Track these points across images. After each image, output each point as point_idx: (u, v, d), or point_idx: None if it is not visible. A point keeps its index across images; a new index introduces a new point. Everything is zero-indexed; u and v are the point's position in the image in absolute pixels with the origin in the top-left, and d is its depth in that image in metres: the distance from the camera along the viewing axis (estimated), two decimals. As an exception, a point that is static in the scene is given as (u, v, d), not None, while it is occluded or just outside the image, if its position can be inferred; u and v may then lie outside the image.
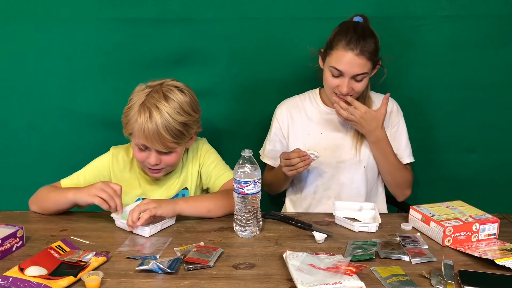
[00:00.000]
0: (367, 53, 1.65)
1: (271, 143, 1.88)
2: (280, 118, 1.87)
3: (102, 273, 1.17)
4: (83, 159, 1.72)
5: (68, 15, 1.97)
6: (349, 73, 1.67)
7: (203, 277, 1.20)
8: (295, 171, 1.64)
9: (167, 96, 1.54)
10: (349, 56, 1.65)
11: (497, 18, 1.95)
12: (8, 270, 1.18)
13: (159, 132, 1.51)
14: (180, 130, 1.54)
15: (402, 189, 1.82)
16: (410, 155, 1.84)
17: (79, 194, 1.51)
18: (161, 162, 1.59)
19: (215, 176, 1.69)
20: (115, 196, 1.47)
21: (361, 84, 1.70)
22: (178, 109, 1.54)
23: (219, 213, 1.57)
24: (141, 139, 1.54)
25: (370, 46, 1.66)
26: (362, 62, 1.65)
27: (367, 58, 1.65)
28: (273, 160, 1.88)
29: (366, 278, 1.18)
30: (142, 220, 1.42)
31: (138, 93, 1.57)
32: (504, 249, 1.33)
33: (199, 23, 1.98)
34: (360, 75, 1.67)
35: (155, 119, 1.51)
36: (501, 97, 2.03)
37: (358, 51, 1.64)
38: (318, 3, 1.94)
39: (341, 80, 1.69)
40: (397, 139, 1.82)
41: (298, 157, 1.61)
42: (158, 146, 1.53)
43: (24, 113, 2.08)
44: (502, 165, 2.09)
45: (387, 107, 1.72)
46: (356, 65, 1.65)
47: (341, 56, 1.66)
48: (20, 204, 1.68)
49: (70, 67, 2.03)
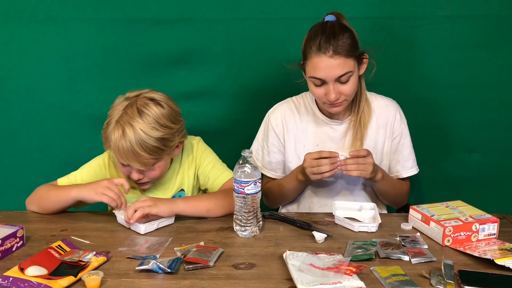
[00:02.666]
0: (342, 51, 1.51)
1: (270, 155, 1.77)
2: (276, 128, 1.75)
3: (102, 273, 1.17)
4: (83, 159, 1.72)
5: (68, 15, 1.98)
6: (330, 78, 1.53)
7: (203, 277, 1.20)
8: (320, 175, 1.53)
9: (142, 111, 1.48)
10: (323, 60, 1.51)
11: (497, 18, 1.95)
12: (8, 270, 1.18)
13: (134, 150, 1.46)
14: (156, 146, 1.49)
15: (399, 202, 1.82)
16: (412, 167, 1.76)
17: (84, 192, 1.51)
18: (144, 176, 1.57)
19: (213, 177, 1.68)
20: (121, 195, 1.49)
21: (349, 86, 1.56)
22: (153, 124, 1.48)
23: (218, 213, 1.57)
24: (117, 157, 1.52)
25: (344, 43, 1.51)
26: (340, 62, 1.51)
27: (345, 55, 1.51)
28: (273, 172, 1.79)
29: (366, 278, 1.18)
30: (135, 217, 1.43)
31: (117, 106, 1.52)
32: (504, 249, 1.33)
33: (199, 23, 1.98)
34: (343, 76, 1.53)
35: (129, 137, 1.45)
36: (501, 97, 2.03)
37: (331, 52, 1.50)
38: (318, 3, 1.94)
39: (325, 87, 1.56)
40: (398, 151, 1.75)
41: (329, 157, 1.51)
42: (135, 164, 1.50)
43: (24, 113, 2.08)
44: (502, 165, 2.09)
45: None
46: (335, 67, 1.51)
47: (316, 63, 1.53)
48: (20, 204, 1.68)
49: (70, 67, 2.03)
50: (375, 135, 1.72)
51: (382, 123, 1.73)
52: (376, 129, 1.72)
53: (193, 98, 1.72)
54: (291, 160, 1.75)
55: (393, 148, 1.75)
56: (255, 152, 1.80)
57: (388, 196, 1.75)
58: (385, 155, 1.75)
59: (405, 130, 1.76)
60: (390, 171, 1.78)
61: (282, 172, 1.80)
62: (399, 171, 1.77)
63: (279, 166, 1.79)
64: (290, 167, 1.74)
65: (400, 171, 1.77)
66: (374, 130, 1.72)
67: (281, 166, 1.79)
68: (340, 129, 1.72)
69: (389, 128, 1.73)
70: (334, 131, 1.73)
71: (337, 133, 1.72)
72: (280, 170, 1.80)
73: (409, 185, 1.82)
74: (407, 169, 1.77)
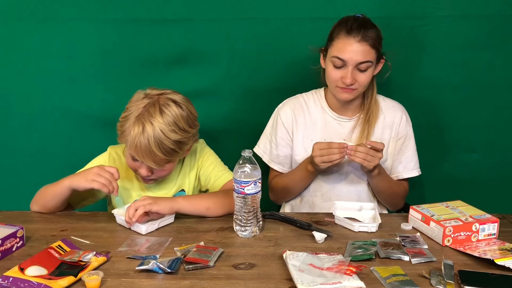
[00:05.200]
0: (369, 39, 1.60)
1: (278, 148, 1.80)
2: (286, 121, 1.78)
3: (102, 273, 1.17)
4: (83, 159, 1.72)
5: (68, 15, 1.97)
6: (352, 61, 1.60)
7: (203, 277, 1.21)
8: (330, 163, 1.58)
9: (163, 111, 1.49)
10: (351, 42, 1.59)
11: (497, 18, 1.95)
12: (8, 270, 1.18)
13: (151, 149, 1.48)
14: (172, 148, 1.50)
15: (395, 204, 1.83)
16: (414, 168, 1.79)
17: (75, 180, 1.50)
18: (152, 173, 1.58)
19: (214, 177, 1.69)
20: (113, 180, 1.48)
21: (365, 75, 1.63)
22: (173, 126, 1.49)
23: (218, 212, 1.57)
24: (133, 152, 1.52)
25: (373, 34, 1.61)
26: (366, 49, 1.60)
27: (370, 45, 1.60)
28: (281, 166, 1.81)
29: (366, 278, 1.18)
30: (136, 216, 1.43)
31: (136, 102, 1.53)
32: (504, 249, 1.33)
33: (199, 23, 1.98)
34: (363, 63, 1.61)
35: (148, 135, 1.47)
36: (501, 97, 2.03)
37: (360, 37, 1.59)
38: (318, 3, 1.94)
39: (344, 71, 1.62)
40: (402, 152, 1.78)
41: (339, 148, 1.56)
42: (148, 162, 1.51)
43: (24, 113, 2.08)
44: (502, 165, 2.09)
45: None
46: (359, 52, 1.59)
47: (343, 44, 1.61)
48: (20, 204, 1.68)
49: (70, 67, 2.03)
50: (381, 134, 1.76)
51: (388, 123, 1.77)
52: (382, 129, 1.76)
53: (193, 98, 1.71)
54: (298, 153, 1.78)
55: (397, 149, 1.78)
56: (263, 146, 1.84)
57: (383, 195, 1.77)
58: (389, 155, 1.78)
59: (410, 132, 1.80)
60: (392, 171, 1.80)
61: (289, 166, 1.82)
62: (400, 172, 1.79)
63: (286, 160, 1.82)
64: (297, 161, 1.77)
65: (401, 172, 1.79)
66: (380, 130, 1.76)
67: (288, 160, 1.82)
68: (348, 126, 1.76)
69: (394, 129, 1.77)
70: (342, 127, 1.77)
71: (345, 130, 1.76)
72: (287, 165, 1.82)
73: (407, 188, 1.83)
74: (408, 170, 1.79)
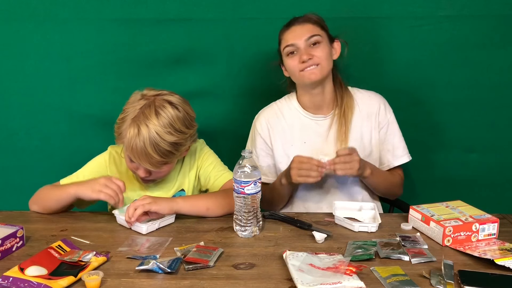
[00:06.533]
0: (310, 19, 1.68)
1: (260, 159, 1.80)
2: (262, 132, 1.79)
3: (102, 273, 1.17)
4: (83, 159, 1.72)
5: (68, 15, 1.98)
6: (300, 40, 1.65)
7: (203, 277, 1.21)
8: (303, 178, 1.56)
9: (159, 113, 1.48)
10: (292, 29, 1.68)
11: (497, 18, 1.95)
12: (8, 270, 1.18)
13: (147, 151, 1.47)
14: (169, 150, 1.49)
15: (393, 194, 1.82)
16: (403, 154, 1.78)
17: (82, 189, 1.51)
18: (150, 174, 1.58)
19: (214, 177, 1.69)
20: (119, 192, 1.49)
21: (320, 48, 1.66)
22: (168, 128, 1.48)
23: (218, 212, 1.57)
24: (129, 154, 1.52)
25: (312, 16, 1.69)
26: (309, 27, 1.67)
27: (313, 22, 1.68)
28: (265, 177, 1.79)
29: (366, 278, 1.18)
30: (136, 215, 1.43)
31: (133, 104, 1.52)
32: (504, 249, 1.33)
33: (199, 23, 1.98)
34: (311, 37, 1.65)
35: (144, 137, 1.46)
36: (501, 97, 2.03)
37: (300, 21, 1.68)
38: (318, 3, 1.94)
39: (299, 54, 1.66)
40: (387, 140, 1.77)
41: (317, 165, 1.55)
42: (144, 164, 1.51)
43: (24, 113, 2.08)
44: (501, 165, 2.09)
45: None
46: (304, 31, 1.66)
47: (286, 35, 1.69)
48: (20, 204, 1.68)
49: (70, 67, 2.03)
50: (360, 127, 1.75)
51: (366, 114, 1.76)
52: (361, 121, 1.75)
53: (193, 98, 1.71)
54: (281, 161, 1.78)
55: (381, 139, 1.77)
56: None
57: (381, 189, 1.77)
58: (374, 147, 1.77)
59: (391, 118, 1.78)
60: (381, 162, 1.79)
61: (273, 176, 1.82)
62: (390, 161, 1.78)
63: (270, 170, 1.82)
64: (281, 168, 1.77)
65: (391, 160, 1.78)
66: (358, 123, 1.75)
67: (272, 170, 1.82)
68: (325, 124, 1.76)
69: (374, 119, 1.76)
70: (319, 126, 1.76)
71: (322, 128, 1.76)
72: (272, 175, 1.82)
73: (402, 175, 1.82)
74: (397, 157, 1.78)
